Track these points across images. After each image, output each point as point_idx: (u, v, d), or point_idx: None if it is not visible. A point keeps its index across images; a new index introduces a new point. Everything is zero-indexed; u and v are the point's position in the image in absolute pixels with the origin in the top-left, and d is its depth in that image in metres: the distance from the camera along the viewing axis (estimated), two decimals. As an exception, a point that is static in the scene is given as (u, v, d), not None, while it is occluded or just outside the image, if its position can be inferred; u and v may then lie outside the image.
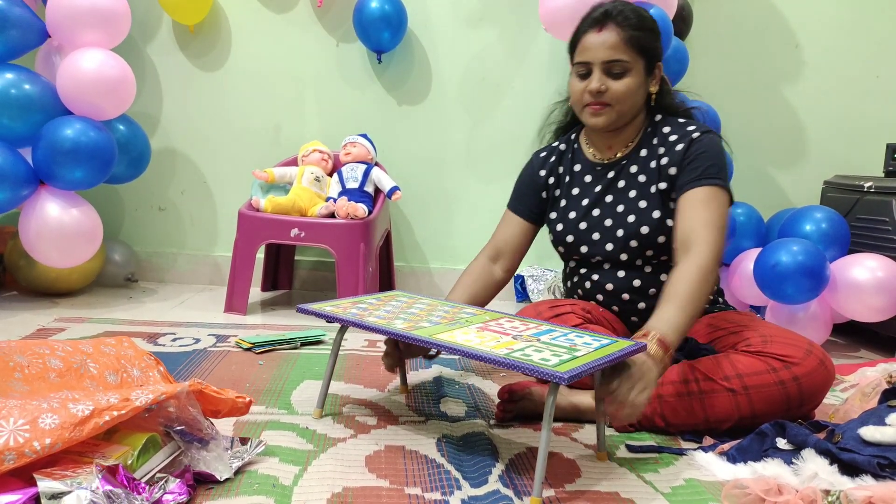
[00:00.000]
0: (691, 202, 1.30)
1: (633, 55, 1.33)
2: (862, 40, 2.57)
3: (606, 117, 1.37)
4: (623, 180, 1.43)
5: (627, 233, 1.38)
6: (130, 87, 2.11)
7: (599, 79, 1.34)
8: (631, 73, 1.34)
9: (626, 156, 1.44)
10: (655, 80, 1.40)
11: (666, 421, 1.25)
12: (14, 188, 1.93)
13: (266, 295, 2.49)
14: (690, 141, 1.35)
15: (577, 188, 1.48)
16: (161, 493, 0.89)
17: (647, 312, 1.41)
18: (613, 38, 1.32)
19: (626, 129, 1.43)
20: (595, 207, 1.44)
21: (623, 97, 1.34)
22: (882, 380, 1.39)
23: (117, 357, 1.15)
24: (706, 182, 1.31)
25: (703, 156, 1.33)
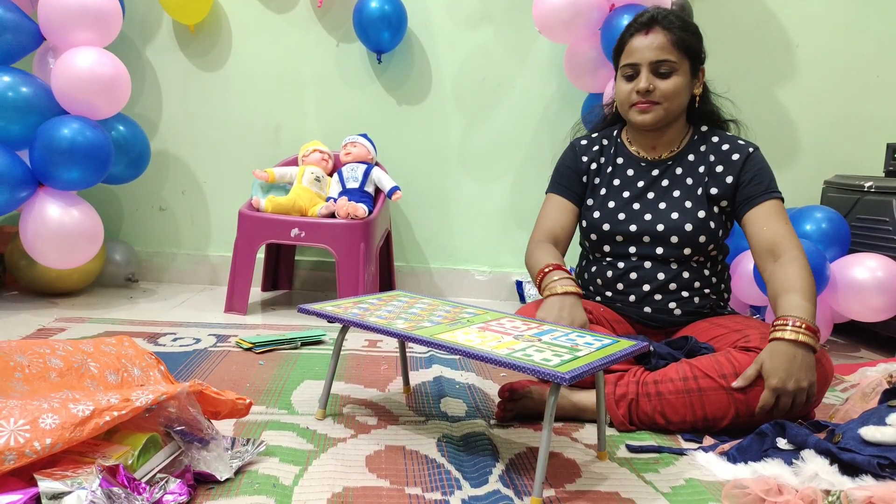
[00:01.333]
0: (767, 214, 1.39)
1: (679, 56, 1.40)
2: (862, 40, 2.57)
3: (654, 115, 1.42)
4: (667, 180, 1.49)
5: (668, 228, 1.43)
6: (125, 85, 2.11)
7: (647, 78, 1.40)
8: (678, 73, 1.40)
9: (672, 157, 1.50)
10: (699, 82, 1.47)
11: (666, 419, 1.25)
12: (12, 190, 1.93)
13: (266, 295, 2.49)
14: (748, 154, 1.44)
15: (619, 180, 1.52)
16: (161, 493, 0.89)
17: (662, 304, 1.45)
18: (660, 39, 1.39)
19: (670, 131, 1.49)
20: (636, 202, 1.49)
21: (670, 95, 1.40)
22: (882, 380, 1.39)
23: (118, 356, 1.15)
24: (773, 196, 1.41)
25: (763, 171, 1.43)
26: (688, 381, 1.24)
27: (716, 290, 1.49)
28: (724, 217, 1.47)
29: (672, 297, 1.46)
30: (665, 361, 1.30)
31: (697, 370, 1.24)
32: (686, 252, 1.44)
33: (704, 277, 1.47)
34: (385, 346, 1.83)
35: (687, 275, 1.45)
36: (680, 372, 1.26)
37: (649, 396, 1.25)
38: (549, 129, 2.55)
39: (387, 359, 1.70)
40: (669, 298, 1.46)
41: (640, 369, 1.31)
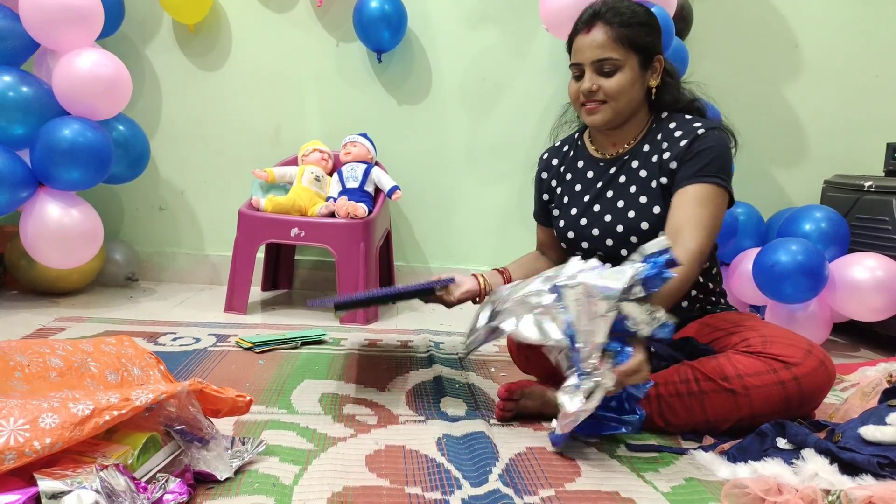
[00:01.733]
0: (686, 198, 1.29)
1: (623, 52, 1.33)
2: (862, 40, 2.57)
3: (602, 115, 1.37)
4: (624, 175, 1.42)
5: (627, 228, 1.38)
6: (126, 86, 2.10)
7: (590, 78, 1.35)
8: (623, 70, 1.34)
9: (628, 151, 1.42)
10: (656, 73, 1.39)
11: (666, 421, 1.25)
12: (13, 190, 1.93)
13: (266, 294, 2.49)
14: (694, 136, 1.33)
15: (580, 184, 1.48)
16: (161, 493, 0.89)
17: None
18: (601, 37, 1.33)
19: (629, 126, 1.42)
20: (595, 203, 1.44)
21: (616, 94, 1.34)
22: (882, 379, 1.39)
23: (118, 356, 1.15)
24: (704, 179, 1.29)
25: (704, 152, 1.31)
26: (689, 383, 1.23)
27: (703, 289, 1.44)
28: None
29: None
30: (666, 363, 1.30)
31: (699, 373, 1.23)
32: None
33: None
34: (385, 345, 1.83)
35: None
36: (681, 374, 1.25)
37: (649, 398, 1.25)
38: (549, 129, 2.54)
39: (387, 358, 1.70)
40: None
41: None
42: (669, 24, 2.04)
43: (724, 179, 1.31)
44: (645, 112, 1.43)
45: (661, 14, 1.99)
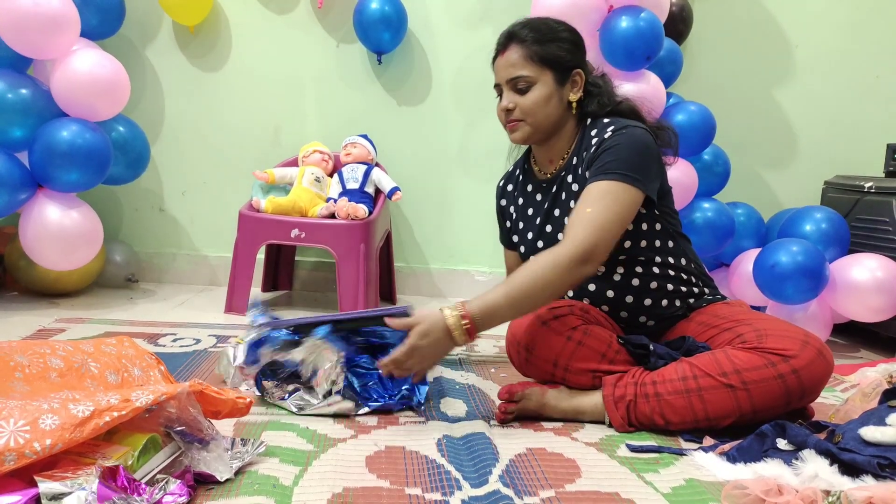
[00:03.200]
0: (584, 196, 1.27)
1: (536, 69, 1.36)
2: (861, 41, 2.57)
3: (521, 132, 1.39)
4: (564, 192, 1.42)
5: None
6: (124, 87, 2.10)
7: (507, 97, 1.39)
8: (537, 86, 1.36)
9: (563, 167, 1.44)
10: (577, 87, 1.39)
11: (666, 419, 1.25)
12: (12, 192, 1.93)
13: (266, 295, 2.49)
14: (603, 138, 1.32)
15: (531, 208, 1.50)
16: (161, 494, 0.89)
17: (629, 319, 1.43)
18: (513, 56, 1.37)
19: (558, 141, 1.43)
20: (546, 224, 1.45)
21: (531, 110, 1.36)
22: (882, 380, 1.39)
23: (118, 356, 1.15)
24: (604, 176, 1.27)
25: (609, 150, 1.29)
26: (687, 380, 1.23)
27: (681, 281, 1.41)
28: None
29: (634, 309, 1.41)
30: (664, 361, 1.29)
31: (697, 369, 1.23)
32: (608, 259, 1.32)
33: (658, 275, 1.39)
34: (385, 346, 1.83)
35: (637, 281, 1.38)
36: (679, 371, 1.25)
37: (647, 397, 1.25)
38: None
39: (387, 359, 1.69)
40: (634, 312, 1.42)
41: (639, 370, 1.30)
42: (659, 28, 2.05)
43: (628, 175, 1.26)
44: (573, 125, 1.43)
45: (651, 19, 2.01)
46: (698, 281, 1.46)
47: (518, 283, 1.20)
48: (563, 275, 1.20)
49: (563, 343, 1.32)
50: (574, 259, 1.20)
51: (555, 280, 1.20)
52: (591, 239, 1.21)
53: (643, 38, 2.02)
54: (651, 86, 2.12)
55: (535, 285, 1.20)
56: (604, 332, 1.35)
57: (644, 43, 2.02)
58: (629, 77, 2.12)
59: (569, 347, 1.32)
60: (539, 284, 1.20)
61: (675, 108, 2.20)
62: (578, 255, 1.20)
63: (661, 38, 2.07)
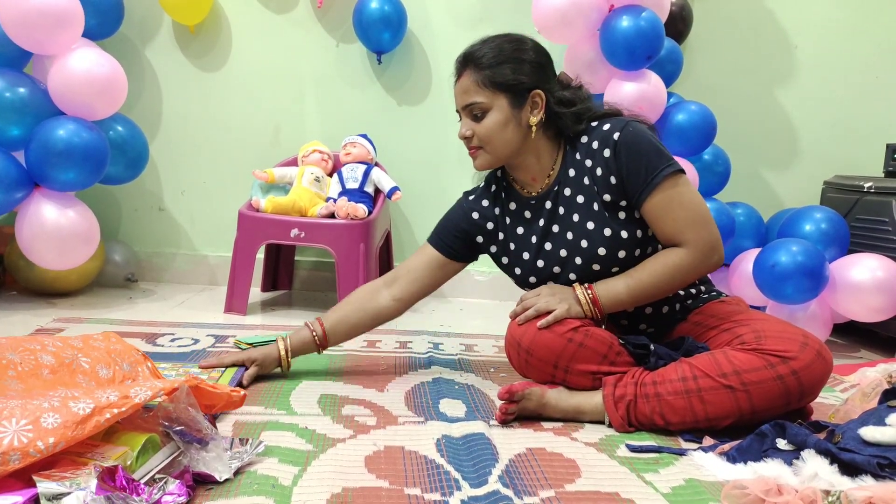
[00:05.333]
0: (660, 207, 1.28)
1: (489, 94, 1.31)
2: (861, 41, 2.57)
3: (482, 159, 1.37)
4: (562, 207, 1.38)
5: (585, 258, 1.35)
6: (121, 86, 2.10)
7: (464, 124, 1.36)
8: (491, 113, 1.32)
9: (554, 181, 1.39)
10: (537, 108, 1.34)
11: (665, 420, 1.25)
12: (8, 191, 1.92)
13: (266, 295, 2.49)
14: (615, 143, 1.30)
15: (521, 227, 1.44)
16: (160, 494, 0.88)
17: (630, 326, 1.44)
18: (466, 82, 1.34)
19: (529, 162, 1.39)
20: (545, 242, 1.41)
21: (487, 137, 1.33)
22: (882, 380, 1.38)
23: (107, 351, 1.16)
24: (658, 178, 1.27)
25: (636, 154, 1.29)
26: (687, 381, 1.23)
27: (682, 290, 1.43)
28: (639, 214, 1.33)
29: (634, 317, 1.42)
30: (664, 362, 1.30)
31: (697, 370, 1.23)
32: (615, 270, 1.35)
33: None
34: (384, 346, 1.83)
35: None
36: (679, 372, 1.25)
37: (648, 397, 1.25)
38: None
39: (386, 359, 1.70)
40: (634, 319, 1.43)
41: (639, 370, 1.30)
42: (660, 27, 2.05)
43: (669, 163, 1.28)
44: (546, 145, 1.38)
45: (652, 18, 2.02)
46: (699, 285, 1.46)
47: (645, 281, 1.29)
48: (689, 277, 1.30)
49: (564, 345, 1.31)
50: (700, 261, 1.28)
51: (680, 283, 1.32)
52: (708, 231, 1.29)
53: (644, 37, 2.02)
54: (652, 85, 2.13)
55: (658, 287, 1.30)
56: (604, 334, 1.34)
57: (645, 42, 2.02)
58: (630, 76, 2.12)
59: (569, 349, 1.31)
60: (662, 288, 1.31)
61: (676, 108, 2.20)
62: (710, 244, 1.28)
63: (662, 37, 2.07)
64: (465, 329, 2.08)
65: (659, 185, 1.27)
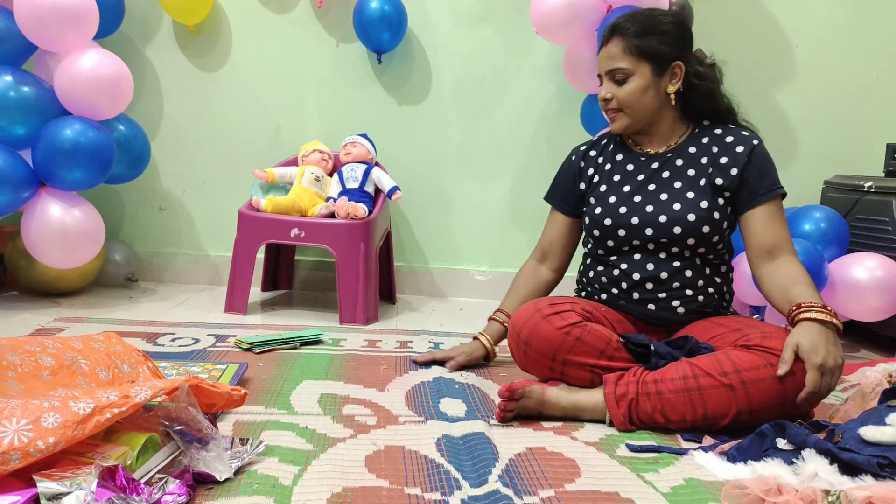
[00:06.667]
0: (769, 214, 1.41)
1: (633, 61, 1.42)
2: (861, 40, 2.57)
3: (620, 122, 1.48)
4: (668, 171, 1.48)
5: (671, 218, 1.43)
6: (128, 87, 2.10)
7: (605, 87, 1.47)
8: (633, 78, 1.43)
9: (671, 150, 1.50)
10: (676, 79, 1.45)
11: (666, 418, 1.25)
12: (14, 190, 1.93)
13: (266, 295, 2.49)
14: (752, 147, 1.43)
15: (619, 175, 1.53)
16: (160, 494, 0.89)
17: (665, 301, 1.46)
18: (614, 49, 1.44)
19: (659, 129, 1.50)
20: (637, 194, 1.48)
21: (628, 101, 1.44)
22: (882, 380, 1.39)
23: (107, 353, 1.16)
24: (776, 193, 1.42)
25: (766, 166, 1.43)
26: (687, 379, 1.24)
27: (719, 289, 1.49)
28: (729, 209, 1.45)
29: (675, 294, 1.45)
30: (665, 361, 1.30)
31: (698, 369, 1.24)
32: (690, 243, 1.42)
33: (707, 276, 1.47)
34: (384, 346, 1.83)
35: (690, 273, 1.45)
36: (680, 371, 1.25)
37: (649, 396, 1.25)
38: (548, 130, 2.56)
39: (386, 359, 1.70)
40: (673, 296, 1.45)
41: (640, 369, 1.31)
42: None
43: (782, 186, 1.45)
44: (677, 117, 1.50)
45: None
46: (727, 289, 1.53)
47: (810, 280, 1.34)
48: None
49: (562, 338, 1.33)
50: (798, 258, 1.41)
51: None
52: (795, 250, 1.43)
53: (643, 37, 2.01)
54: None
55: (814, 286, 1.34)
56: (603, 331, 1.36)
57: (644, 43, 2.02)
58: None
59: (567, 342, 1.33)
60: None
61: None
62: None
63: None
64: (465, 329, 2.08)
65: (774, 198, 1.42)
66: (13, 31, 1.99)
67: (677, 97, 1.47)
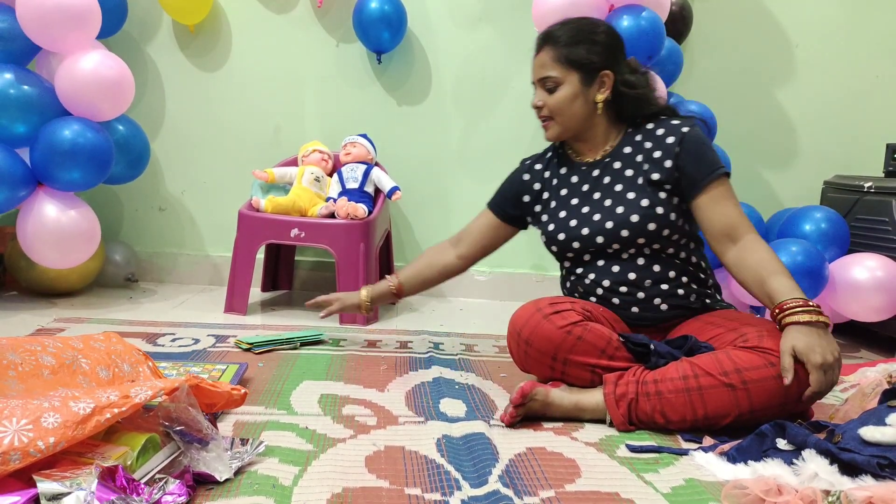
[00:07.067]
0: (716, 198, 1.39)
1: (563, 70, 1.44)
2: (861, 40, 2.57)
3: (552, 130, 1.50)
4: (608, 176, 1.49)
5: (617, 223, 1.43)
6: (129, 88, 2.10)
7: (537, 94, 1.49)
8: (563, 87, 1.45)
9: (608, 154, 1.50)
10: (604, 87, 1.45)
11: (666, 418, 1.25)
12: (12, 189, 1.93)
13: (266, 295, 2.49)
14: (683, 135, 1.41)
15: (565, 189, 1.55)
16: (160, 494, 0.89)
17: (645, 302, 1.44)
18: (544, 57, 1.46)
19: (592, 136, 1.51)
20: (584, 205, 1.50)
21: (557, 109, 1.46)
22: (882, 380, 1.39)
23: (107, 352, 1.16)
24: (717, 175, 1.39)
25: (701, 151, 1.40)
26: (688, 379, 1.24)
27: (696, 279, 1.47)
28: (676, 200, 1.43)
29: (653, 292, 1.44)
30: (665, 361, 1.30)
31: (698, 368, 1.24)
32: (640, 242, 1.42)
33: (678, 267, 1.44)
34: (384, 346, 1.83)
35: (658, 268, 1.43)
36: (680, 371, 1.25)
37: (649, 396, 1.25)
38: (548, 130, 2.55)
39: (386, 359, 1.70)
40: (651, 295, 1.44)
41: (639, 368, 1.31)
42: (660, 28, 2.05)
43: (723, 165, 1.41)
44: (609, 123, 1.50)
45: (653, 18, 2.01)
46: (708, 280, 1.51)
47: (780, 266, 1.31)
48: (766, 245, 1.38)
49: (563, 337, 1.33)
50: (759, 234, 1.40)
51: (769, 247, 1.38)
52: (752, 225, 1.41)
53: (644, 37, 2.01)
54: (651, 85, 2.12)
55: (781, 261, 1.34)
56: (604, 330, 1.35)
57: (645, 42, 2.02)
58: (629, 77, 2.11)
59: (568, 341, 1.33)
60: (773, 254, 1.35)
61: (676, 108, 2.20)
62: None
63: (663, 37, 2.07)
64: (465, 329, 2.08)
65: (715, 180, 1.39)
66: (17, 31, 1.98)
67: (606, 105, 1.47)
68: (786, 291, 1.25)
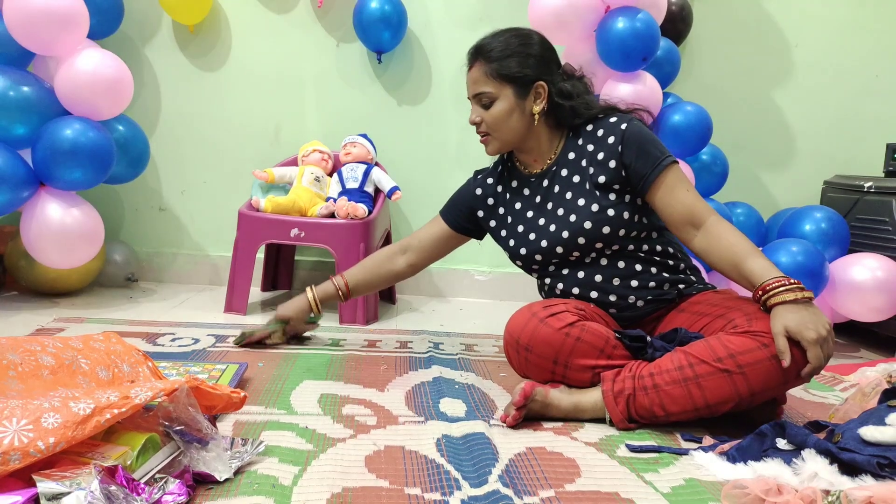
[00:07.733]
0: (668, 189, 1.38)
1: (496, 84, 1.43)
2: (860, 40, 2.57)
3: (492, 145, 1.49)
4: (557, 185, 1.49)
5: (571, 232, 1.43)
6: (128, 87, 2.10)
7: (473, 110, 1.48)
8: (499, 101, 1.43)
9: (554, 163, 1.50)
10: (540, 98, 1.44)
11: (666, 410, 1.25)
12: (14, 190, 1.93)
13: (266, 295, 2.49)
14: (622, 132, 1.41)
15: (519, 202, 1.55)
16: (160, 494, 0.89)
17: (619, 301, 1.44)
18: (475, 73, 1.45)
19: (536, 146, 1.50)
20: (539, 217, 1.50)
21: (495, 125, 1.45)
22: (882, 380, 1.39)
23: (107, 352, 1.15)
24: (663, 167, 1.38)
25: (644, 144, 1.39)
26: (683, 369, 1.23)
27: (667, 267, 1.46)
28: (629, 198, 1.42)
29: (623, 291, 1.43)
30: (661, 353, 1.30)
31: (692, 357, 1.23)
32: (599, 246, 1.42)
33: (643, 259, 1.43)
34: (384, 346, 1.83)
35: (623, 264, 1.43)
36: (675, 361, 1.25)
37: (646, 390, 1.25)
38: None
39: (386, 359, 1.70)
40: (622, 293, 1.43)
41: (636, 363, 1.30)
42: (656, 29, 2.05)
43: (669, 154, 1.40)
44: (550, 131, 1.49)
45: (648, 20, 2.01)
46: (685, 269, 1.49)
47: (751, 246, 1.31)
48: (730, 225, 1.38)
49: (563, 339, 1.32)
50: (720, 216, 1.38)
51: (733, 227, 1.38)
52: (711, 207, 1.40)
53: (640, 39, 2.01)
54: (647, 86, 2.12)
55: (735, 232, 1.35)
56: (600, 328, 1.35)
57: (640, 44, 2.02)
58: (625, 78, 2.12)
59: (568, 343, 1.32)
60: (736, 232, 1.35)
61: (672, 109, 2.20)
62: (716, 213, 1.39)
63: (658, 39, 2.07)
64: (465, 329, 2.08)
65: (664, 171, 1.38)
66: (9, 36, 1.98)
67: (544, 115, 1.46)
68: (764, 272, 1.25)
